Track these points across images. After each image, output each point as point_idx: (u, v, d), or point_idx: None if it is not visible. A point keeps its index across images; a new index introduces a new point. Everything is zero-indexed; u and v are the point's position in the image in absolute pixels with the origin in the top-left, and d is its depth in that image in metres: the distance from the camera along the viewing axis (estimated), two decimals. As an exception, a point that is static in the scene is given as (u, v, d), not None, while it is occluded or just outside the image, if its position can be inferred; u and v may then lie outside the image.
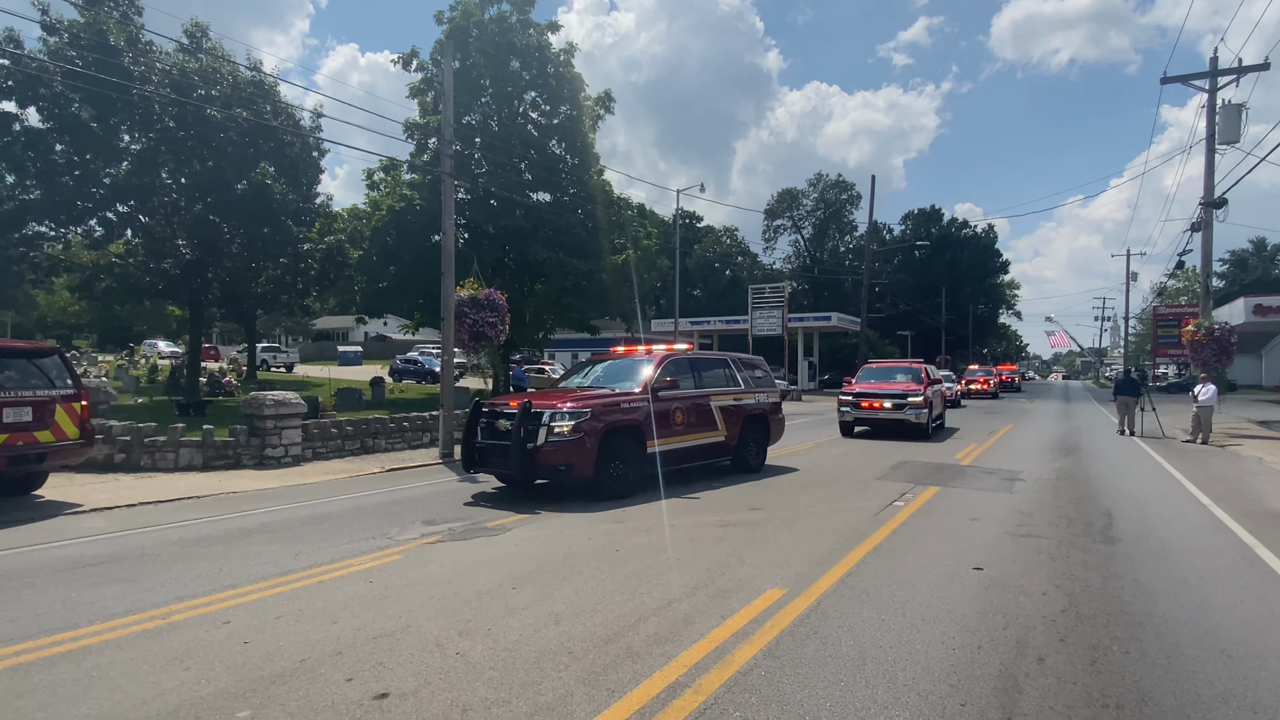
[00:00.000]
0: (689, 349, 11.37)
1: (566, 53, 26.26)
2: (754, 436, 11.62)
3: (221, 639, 4.39)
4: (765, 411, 11.98)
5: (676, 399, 10.10)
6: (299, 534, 7.25)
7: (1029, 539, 7.06)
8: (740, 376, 11.71)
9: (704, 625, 4.56)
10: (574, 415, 8.79)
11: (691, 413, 10.31)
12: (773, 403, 12.23)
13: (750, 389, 11.74)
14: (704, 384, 10.89)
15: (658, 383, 9.87)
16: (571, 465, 8.71)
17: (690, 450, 10.29)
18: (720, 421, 10.82)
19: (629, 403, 9.47)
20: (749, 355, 12.93)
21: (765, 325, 44.42)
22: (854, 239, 78.26)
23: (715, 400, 10.81)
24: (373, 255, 25.64)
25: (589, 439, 8.75)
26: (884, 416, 16.96)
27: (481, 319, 14.74)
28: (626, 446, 9.28)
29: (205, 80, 23.92)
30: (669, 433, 9.85)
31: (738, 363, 11.94)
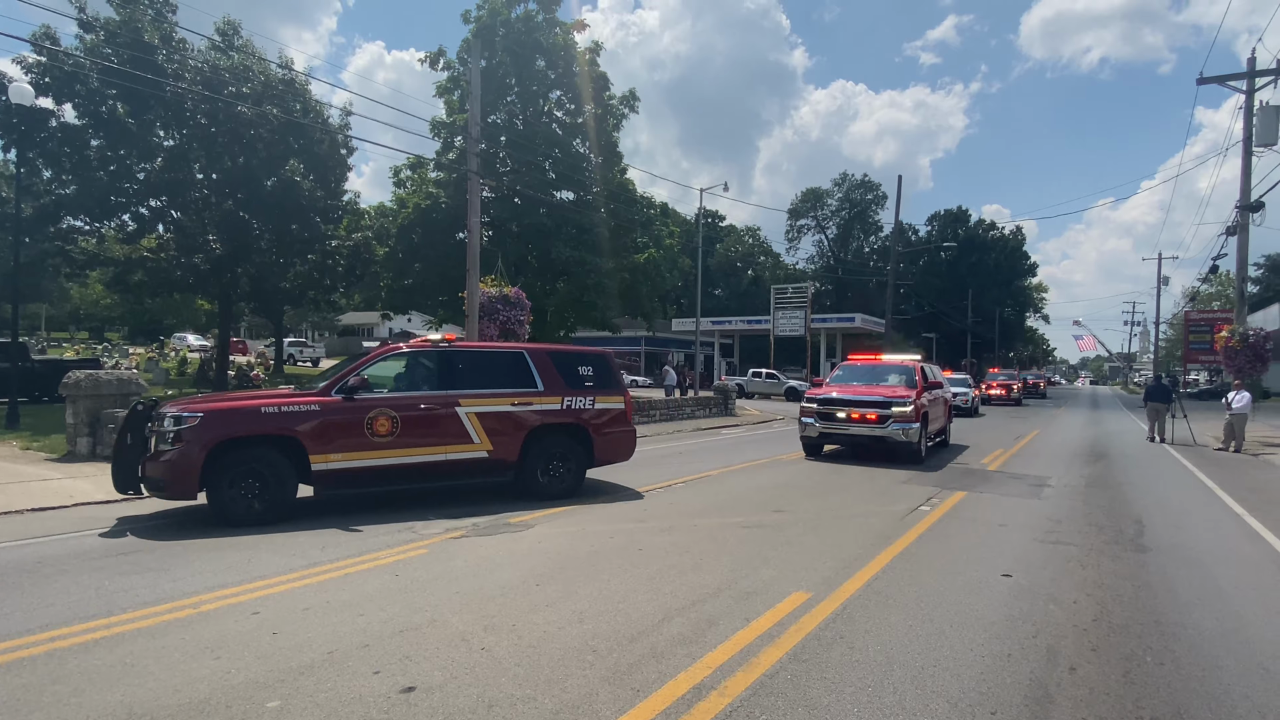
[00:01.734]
0: (449, 339, 8.90)
1: (592, 51, 26.33)
2: (557, 453, 9.10)
3: (251, 629, 4.45)
4: (584, 422, 9.30)
5: (385, 403, 8.01)
6: (324, 529, 7.33)
7: (1058, 546, 6.94)
8: (541, 376, 9.11)
9: (729, 627, 4.54)
10: (177, 421, 7.22)
11: (417, 421, 8.13)
12: (603, 410, 9.48)
13: (557, 392, 9.14)
14: (463, 384, 8.56)
15: (355, 383, 7.93)
16: (163, 482, 7.22)
17: (409, 468, 8.12)
18: (479, 432, 8.48)
19: (285, 406, 7.56)
20: (574, 349, 10.01)
21: (788, 326, 44.19)
22: (879, 239, 77.53)
23: (470, 406, 8.45)
24: (398, 252, 25.92)
25: (190, 451, 7.09)
26: (861, 432, 13.01)
27: (511, 316, 14.88)
28: (268, 462, 7.44)
29: (237, 78, 24.32)
30: (364, 445, 7.82)
31: (542, 359, 9.28)
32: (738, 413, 26.71)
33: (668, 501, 8.97)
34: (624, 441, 9.93)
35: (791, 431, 20.09)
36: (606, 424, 9.55)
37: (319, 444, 7.63)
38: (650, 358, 55.62)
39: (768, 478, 11.17)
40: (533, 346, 9.54)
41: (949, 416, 16.43)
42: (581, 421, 9.33)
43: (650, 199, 30.19)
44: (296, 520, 7.60)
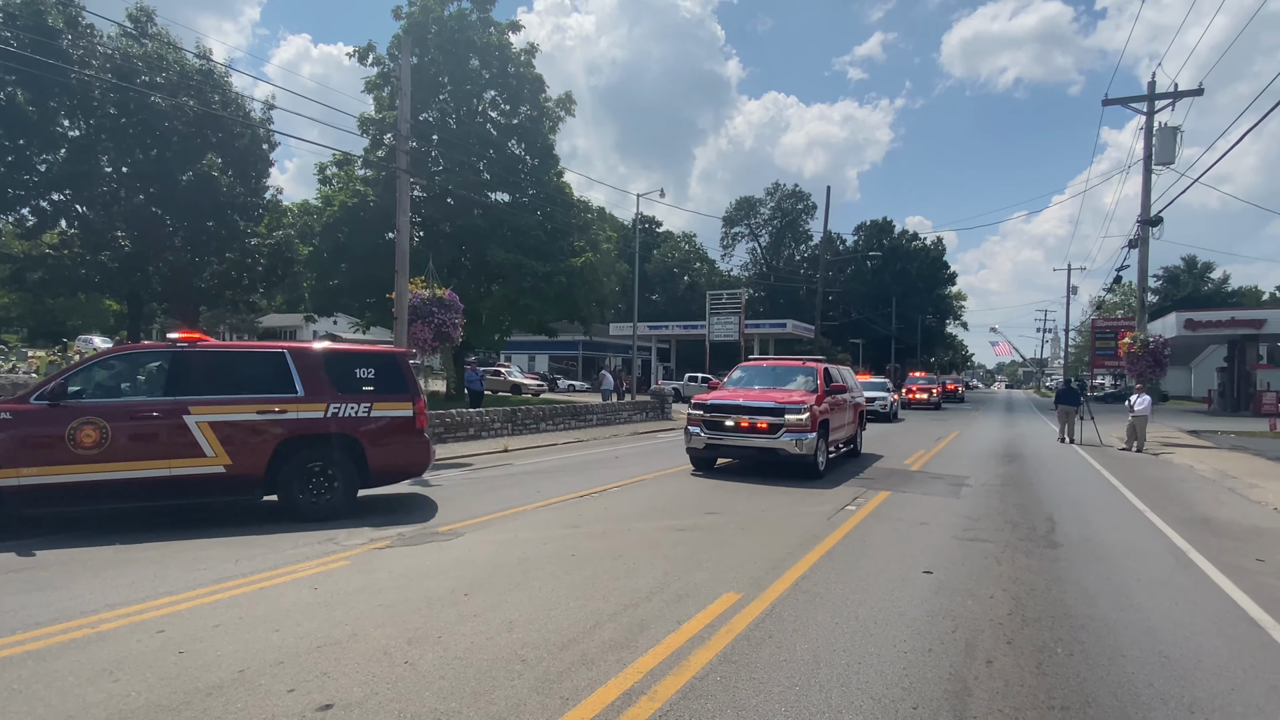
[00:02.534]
0: (186, 338, 7.89)
1: (527, 53, 26.10)
2: (318, 468, 7.91)
3: (155, 649, 4.17)
4: (356, 432, 8.07)
5: (94, 410, 7.07)
6: (239, 540, 6.97)
7: (976, 543, 7.23)
8: (303, 380, 7.93)
9: (660, 630, 4.53)
10: None
11: (132, 432, 7.17)
12: (383, 418, 8.25)
13: (321, 398, 7.94)
14: (200, 389, 7.53)
15: (57, 388, 7.09)
16: None
17: (123, 485, 7.13)
18: (213, 444, 7.41)
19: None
20: (355, 349, 8.74)
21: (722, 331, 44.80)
22: (809, 248, 79.55)
23: (203, 414, 7.41)
24: (323, 252, 25.00)
25: None
26: (751, 444, 11.37)
27: (447, 319, 14.55)
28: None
29: (150, 67, 23.04)
30: (64, 459, 6.90)
31: (308, 361, 8.06)
32: (674, 416, 26.87)
33: (603, 506, 8.92)
34: (410, 453, 8.56)
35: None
36: (386, 434, 8.27)
37: (4, 457, 6.74)
38: (588, 362, 55.45)
39: (702, 480, 11.25)
40: (299, 346, 8.28)
41: (860, 423, 15.21)
42: (352, 431, 8.07)
43: (587, 203, 30.09)
44: (209, 531, 7.20)
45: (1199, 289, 78.30)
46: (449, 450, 15.03)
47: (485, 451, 14.93)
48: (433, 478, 11.29)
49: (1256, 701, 3.78)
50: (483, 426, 17.79)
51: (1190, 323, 39.73)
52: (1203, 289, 78.63)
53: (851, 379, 14.97)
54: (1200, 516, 9.13)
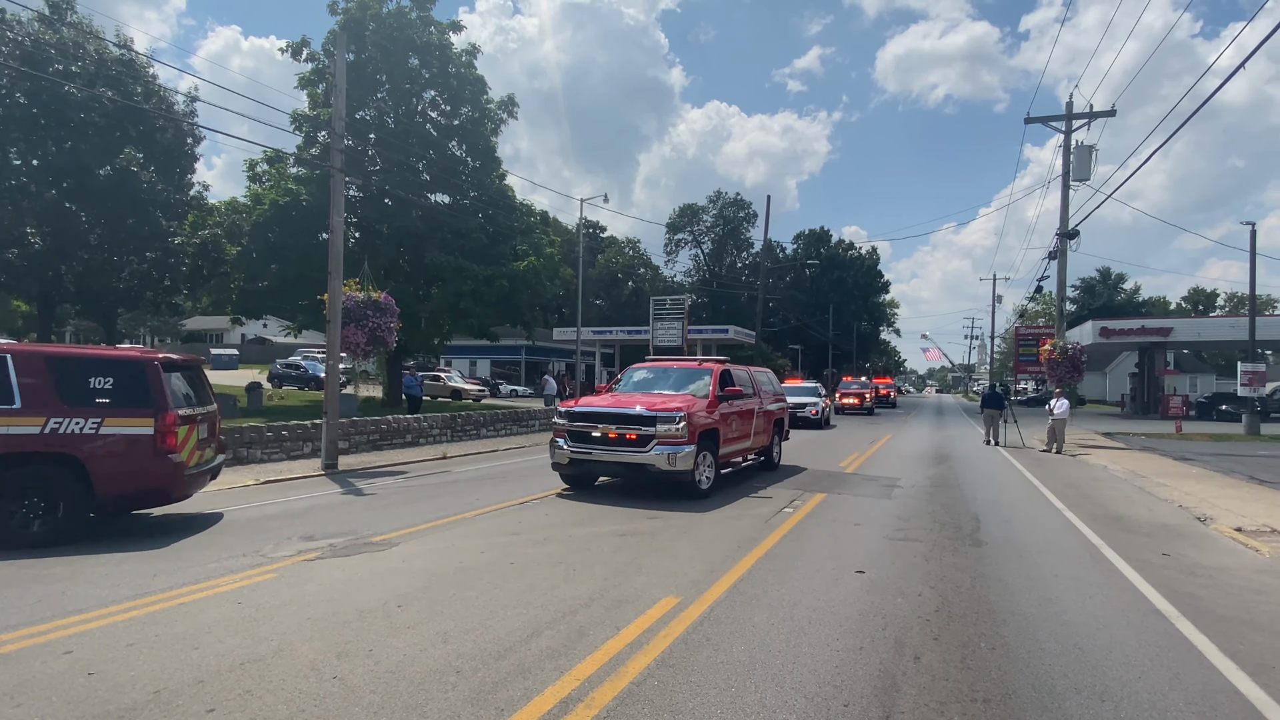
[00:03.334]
0: None
1: (469, 54, 25.75)
2: (32, 490, 6.88)
3: (61, 671, 3.93)
4: (80, 452, 6.96)
5: None
6: (157, 554, 6.63)
7: (906, 543, 7.46)
8: (22, 390, 6.89)
9: (598, 636, 4.51)
10: None
11: None
12: (116, 436, 7.12)
13: (41, 411, 6.88)
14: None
15: None
16: None
17: None
18: None
19: None
20: (91, 353, 7.73)
21: (666, 336, 45.07)
22: (750, 255, 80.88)
23: None
24: (253, 252, 24.02)
25: None
26: (619, 458, 9.75)
27: (382, 323, 14.19)
28: None
29: (65, 55, 21.76)
30: None
31: (31, 366, 7.03)
32: (616, 422, 26.84)
33: (544, 513, 8.84)
34: (150, 477, 7.30)
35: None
36: (119, 454, 7.13)
37: None
38: (531, 367, 54.94)
39: (643, 485, 11.26)
40: (24, 349, 7.35)
41: (779, 432, 13.62)
42: (74, 450, 6.96)
43: (531, 206, 29.81)
44: (126, 545, 6.82)
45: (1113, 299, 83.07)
46: (385, 458, 14.66)
47: (423, 459, 14.62)
48: (367, 486, 10.99)
49: (1160, 688, 4.01)
50: (421, 433, 17.41)
51: (1105, 331, 42.08)
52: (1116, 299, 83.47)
53: (769, 383, 13.82)
54: (1113, 514, 9.66)
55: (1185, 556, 7.25)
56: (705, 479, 10.09)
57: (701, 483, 10.02)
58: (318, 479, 11.83)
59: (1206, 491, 11.55)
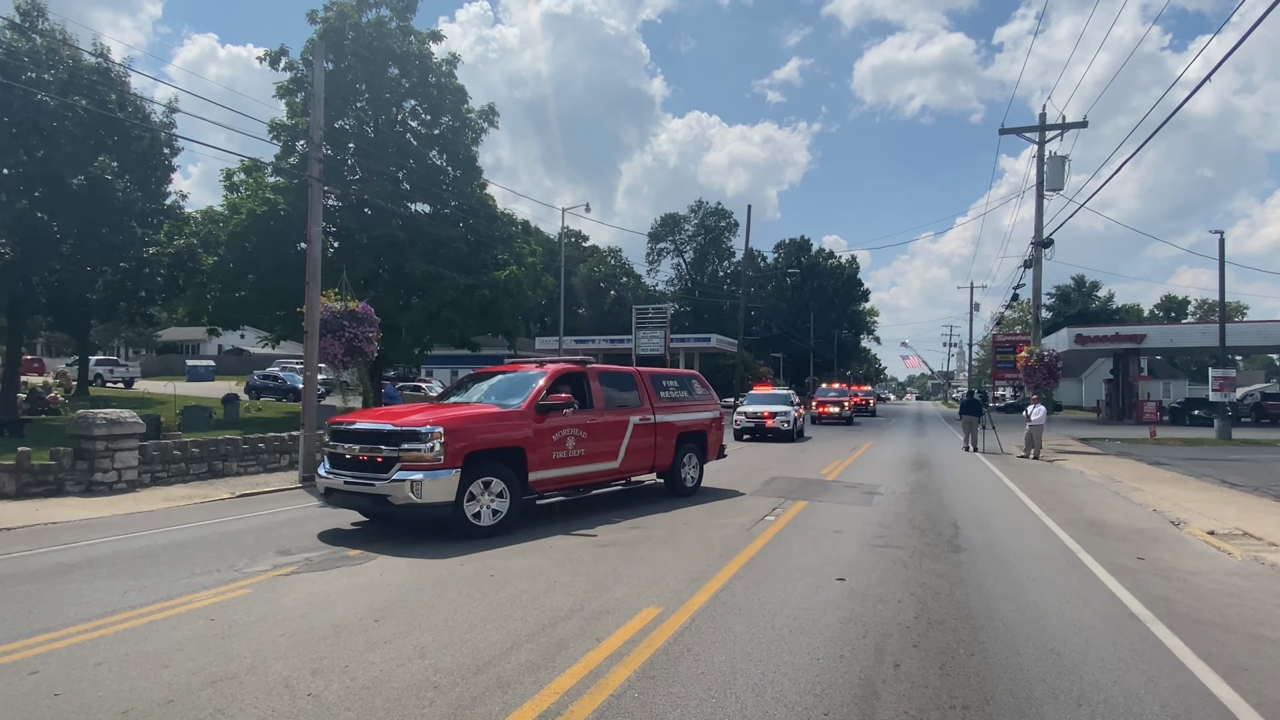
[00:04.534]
0: None
1: (449, 63, 25.74)
2: None
3: (26, 691, 3.82)
4: None
5: None
6: (129, 569, 6.49)
7: (886, 550, 7.50)
8: None
9: (579, 649, 4.47)
10: None
11: None
12: None
13: None
14: None
15: None
16: None
17: None
18: None
19: None
20: None
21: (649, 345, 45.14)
22: (732, 264, 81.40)
23: None
24: (229, 262, 23.76)
25: None
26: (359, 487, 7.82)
27: (360, 333, 14.05)
28: None
29: (37, 63, 21.43)
30: None
31: None
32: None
33: (525, 523, 8.77)
34: None
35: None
36: None
37: None
38: (511, 377, 54.72)
39: (627, 494, 11.24)
40: None
41: (693, 450, 11.24)
42: None
43: (512, 216, 29.79)
44: (96, 564, 6.68)
45: (1088, 306, 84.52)
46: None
47: (403, 470, 14.45)
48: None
49: (1136, 691, 4.05)
50: (401, 444, 17.24)
51: (1080, 338, 42.76)
52: (1091, 306, 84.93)
53: (692, 391, 11.62)
54: (1089, 519, 9.78)
55: (1160, 560, 7.35)
56: (489, 513, 7.90)
57: (480, 519, 7.82)
58: (295, 492, 11.67)
59: (1180, 495, 11.74)
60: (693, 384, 11.92)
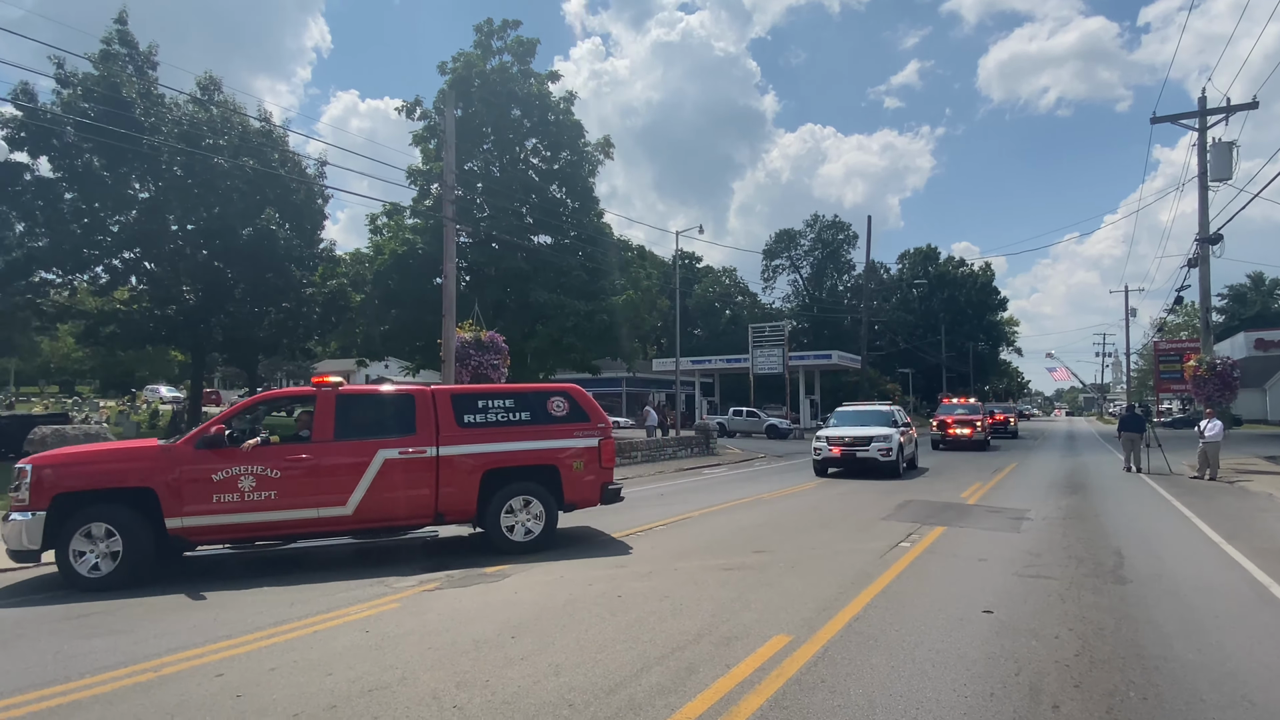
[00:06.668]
0: None
1: (566, 101, 26.89)
2: None
3: (214, 692, 4.28)
4: None
5: None
6: (294, 584, 7.12)
7: (1039, 580, 6.92)
8: None
9: (709, 674, 4.44)
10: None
11: None
12: None
13: None
14: None
15: None
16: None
17: None
18: None
19: None
20: None
21: (766, 364, 44.48)
22: (852, 278, 78.86)
23: None
24: (374, 299, 25.85)
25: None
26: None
27: (485, 361, 14.84)
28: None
29: (214, 130, 24.46)
30: None
31: None
32: (719, 452, 26.62)
33: (649, 545, 8.85)
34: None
35: (773, 470, 20.07)
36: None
37: None
38: (631, 398, 55.56)
39: (749, 517, 11.09)
40: None
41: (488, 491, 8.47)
42: None
43: (627, 242, 30.61)
44: (267, 575, 7.39)
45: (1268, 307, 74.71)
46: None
47: (532, 491, 14.99)
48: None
49: (1356, 752, 3.50)
50: (529, 466, 17.86)
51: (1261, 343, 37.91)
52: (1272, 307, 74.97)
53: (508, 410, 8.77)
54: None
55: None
56: (91, 566, 6.88)
57: (80, 569, 6.85)
58: (435, 512, 12.37)
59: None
60: (549, 404, 9.04)
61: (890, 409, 19.54)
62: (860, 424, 18.00)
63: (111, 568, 6.95)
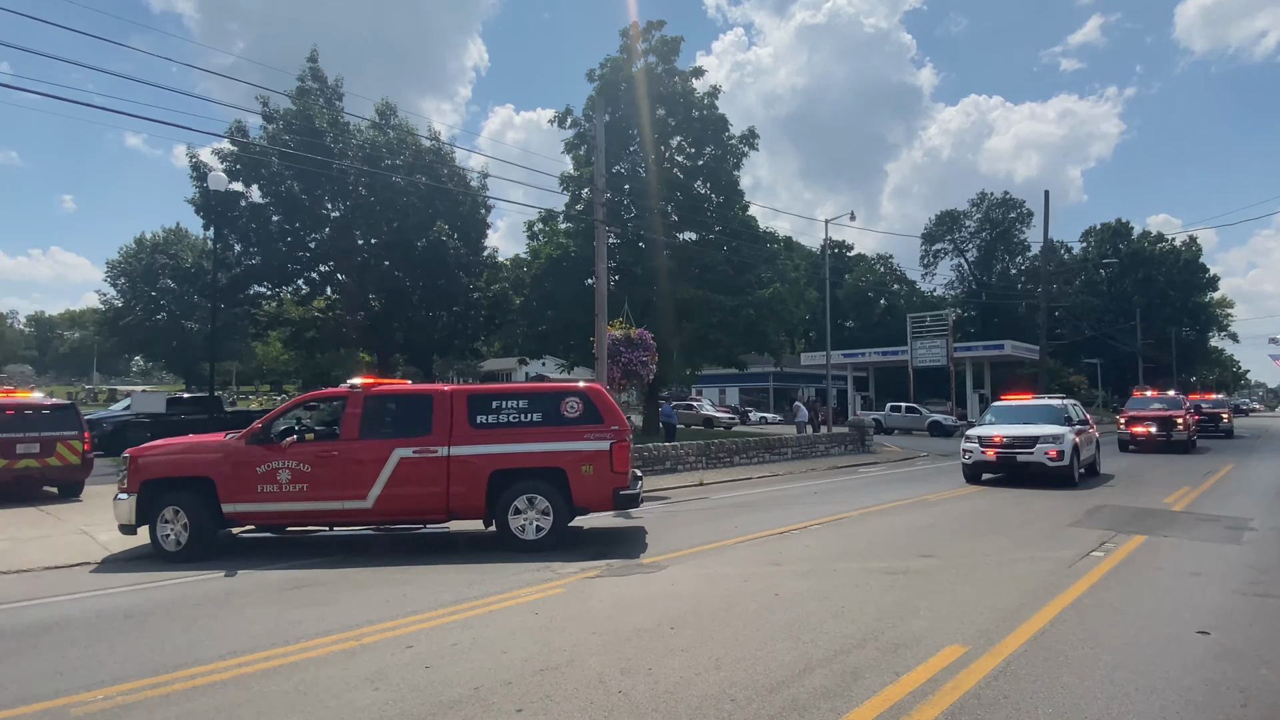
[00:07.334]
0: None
1: (710, 95, 26.80)
2: None
3: (406, 662, 4.71)
4: None
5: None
6: (471, 565, 7.68)
7: (1267, 600, 5.99)
8: None
9: (876, 681, 4.26)
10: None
11: None
12: None
13: None
14: None
15: None
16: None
17: None
18: None
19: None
20: None
21: (927, 356, 41.99)
22: (1026, 260, 72.26)
23: None
24: (533, 301, 27.23)
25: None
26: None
27: (634, 358, 15.19)
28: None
29: (391, 151, 26.96)
30: None
31: None
32: (876, 450, 25.48)
33: (803, 544, 8.65)
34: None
35: (937, 470, 18.90)
36: None
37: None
38: (779, 394, 54.55)
39: (913, 519, 10.52)
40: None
41: (495, 491, 8.51)
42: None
43: (773, 233, 30.05)
44: (445, 557, 8.02)
45: None
46: (647, 484, 15.44)
47: (681, 485, 15.17)
48: (635, 510, 11.67)
49: None
50: (678, 460, 18.11)
51: None
52: None
53: (520, 411, 8.76)
54: None
55: None
56: (173, 541, 8.13)
57: (165, 544, 8.10)
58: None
59: None
60: (563, 405, 8.82)
61: (1063, 403, 16.47)
62: (1023, 421, 15.30)
63: (185, 543, 8.08)
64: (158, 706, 4.05)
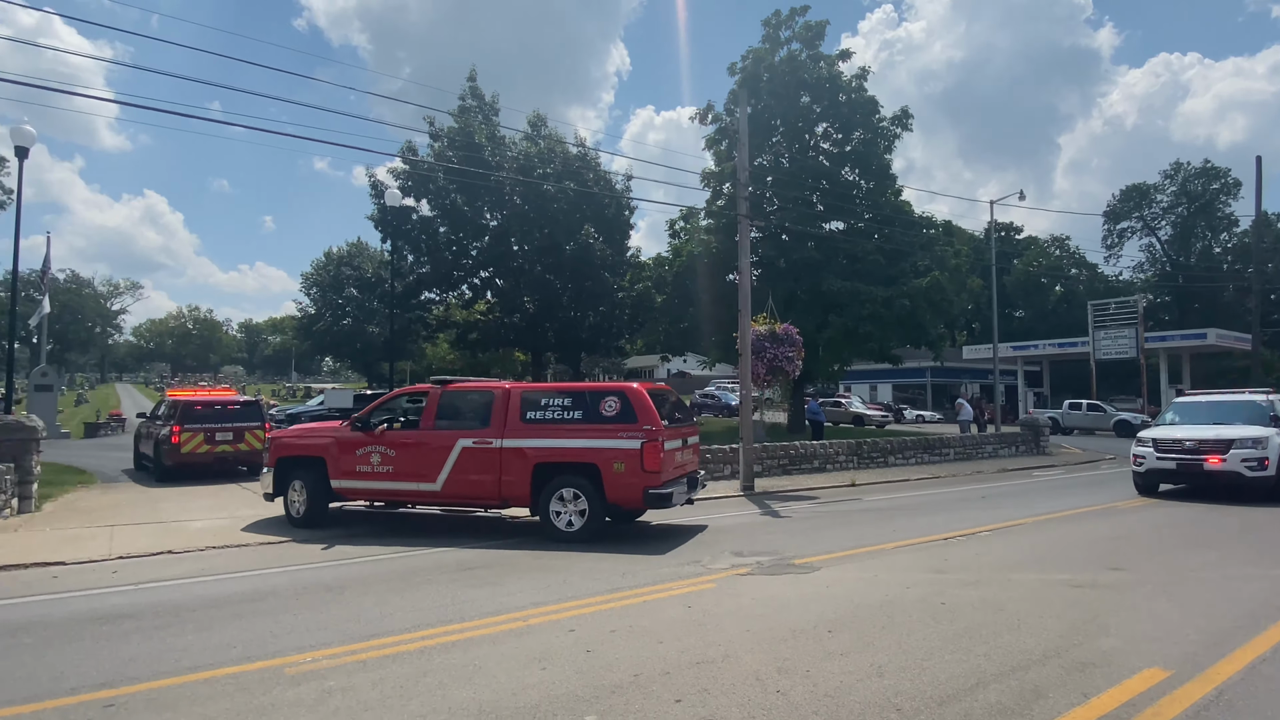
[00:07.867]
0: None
1: (858, 78, 25.72)
2: None
3: (569, 645, 4.95)
4: None
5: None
6: (623, 556, 7.91)
7: None
8: None
9: (1060, 701, 3.92)
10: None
11: None
12: None
13: None
14: None
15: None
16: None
17: None
18: None
19: None
20: None
21: (1113, 347, 37.89)
22: (1234, 236, 63.04)
23: None
24: (675, 299, 27.52)
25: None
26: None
27: (779, 353, 14.92)
28: None
29: (542, 161, 28.35)
30: None
31: None
32: (1052, 452, 23.33)
33: (971, 551, 8.11)
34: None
35: (1124, 475, 16.97)
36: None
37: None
38: (937, 390, 51.30)
39: (1098, 528, 9.53)
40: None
41: (539, 483, 9.01)
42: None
43: (930, 218, 28.22)
44: (599, 546, 8.32)
45: None
46: (795, 482, 15.16)
47: (831, 485, 14.73)
48: (782, 509, 11.50)
49: None
50: (827, 459, 17.58)
51: None
52: None
53: (564, 409, 9.11)
54: None
55: None
56: (296, 509, 9.82)
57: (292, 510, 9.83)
58: (737, 499, 12.82)
59: None
60: (602, 404, 8.96)
61: (1268, 399, 13.33)
62: (1214, 420, 12.84)
63: (303, 512, 9.68)
64: (355, 671, 4.54)
